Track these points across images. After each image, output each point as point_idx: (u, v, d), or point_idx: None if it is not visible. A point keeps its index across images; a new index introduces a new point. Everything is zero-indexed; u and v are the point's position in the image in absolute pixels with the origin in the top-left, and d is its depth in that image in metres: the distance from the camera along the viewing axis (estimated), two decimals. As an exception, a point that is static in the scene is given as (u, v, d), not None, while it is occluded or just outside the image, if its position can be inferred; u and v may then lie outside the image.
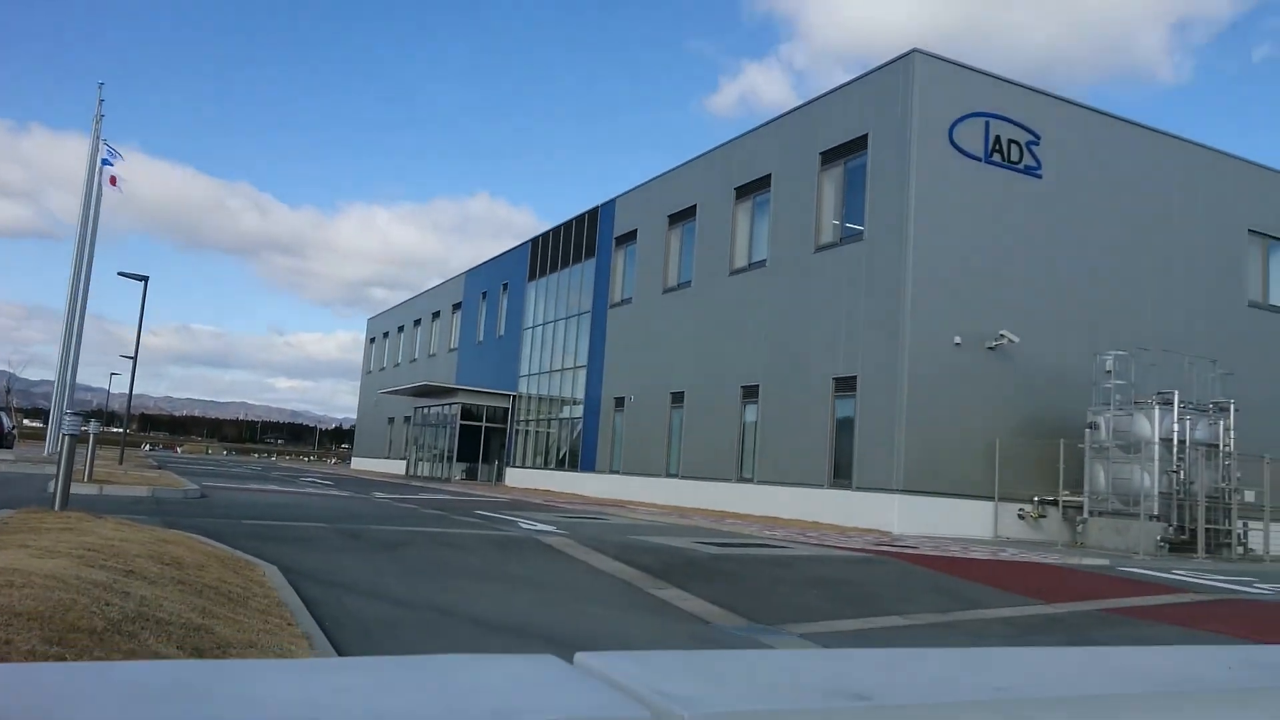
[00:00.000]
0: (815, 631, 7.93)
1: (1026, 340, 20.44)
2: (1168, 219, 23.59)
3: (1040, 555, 15.70)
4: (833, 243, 22.61)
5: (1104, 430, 19.51)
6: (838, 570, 11.66)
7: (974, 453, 19.91)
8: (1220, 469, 19.40)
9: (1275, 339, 24.95)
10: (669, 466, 27.81)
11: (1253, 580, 14.28)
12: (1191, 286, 23.70)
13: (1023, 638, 8.45)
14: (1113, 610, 10.16)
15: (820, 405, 21.85)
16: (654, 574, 10.07)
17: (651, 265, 30.25)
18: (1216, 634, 8.85)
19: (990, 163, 21.00)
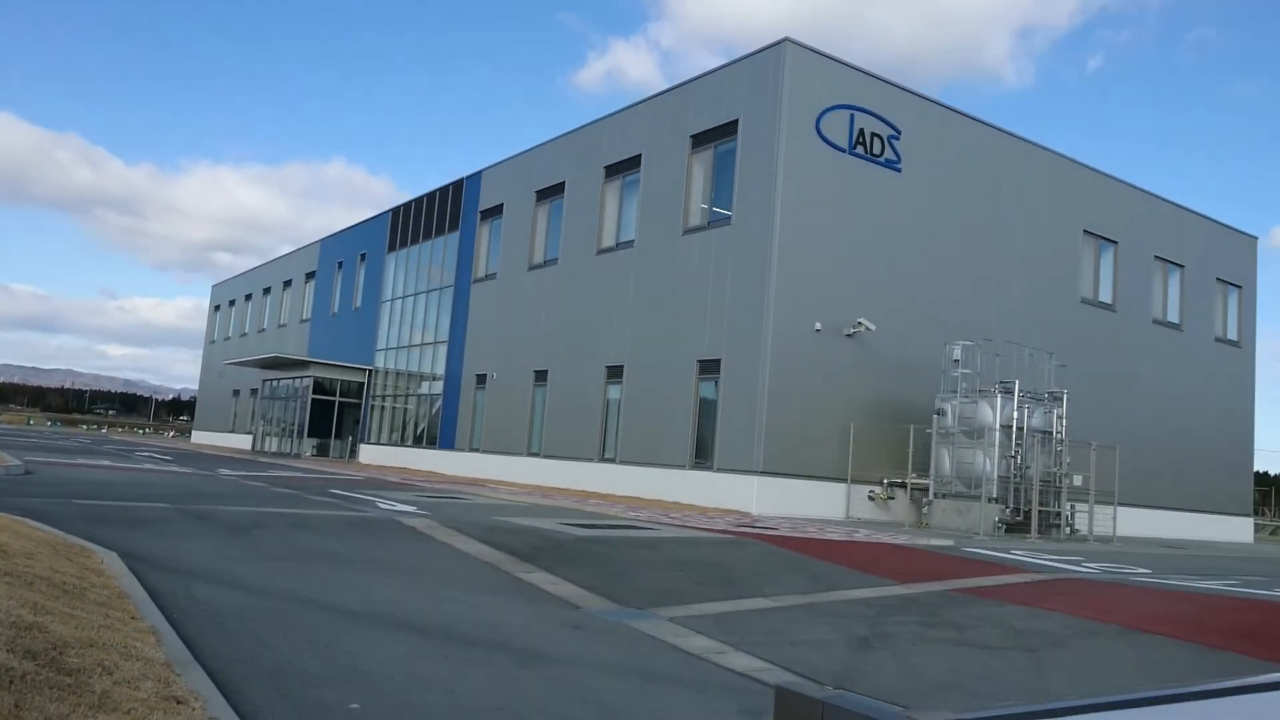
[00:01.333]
0: (685, 615, 7.96)
1: (882, 329, 21.18)
2: (1012, 217, 24.86)
3: (890, 536, 16.33)
4: (701, 226, 22.79)
5: (950, 417, 20.44)
6: (703, 552, 11.77)
7: (830, 436, 20.54)
8: (1053, 455, 20.67)
9: (1103, 333, 26.75)
10: (531, 445, 27.58)
11: (1080, 559, 15.27)
12: (1032, 282, 25.09)
13: (880, 617, 8.72)
14: (961, 590, 10.64)
15: (684, 387, 22.07)
16: (521, 557, 9.90)
17: (517, 241, 29.81)
18: (1060, 612, 9.37)
19: (854, 154, 21.59)
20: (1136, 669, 7.34)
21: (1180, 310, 29.45)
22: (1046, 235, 25.69)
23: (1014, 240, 24.78)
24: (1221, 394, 30.29)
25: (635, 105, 25.96)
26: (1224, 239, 31.44)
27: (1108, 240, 27.51)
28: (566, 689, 5.44)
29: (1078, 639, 8.26)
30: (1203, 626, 9.15)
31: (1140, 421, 26.44)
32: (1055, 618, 9.15)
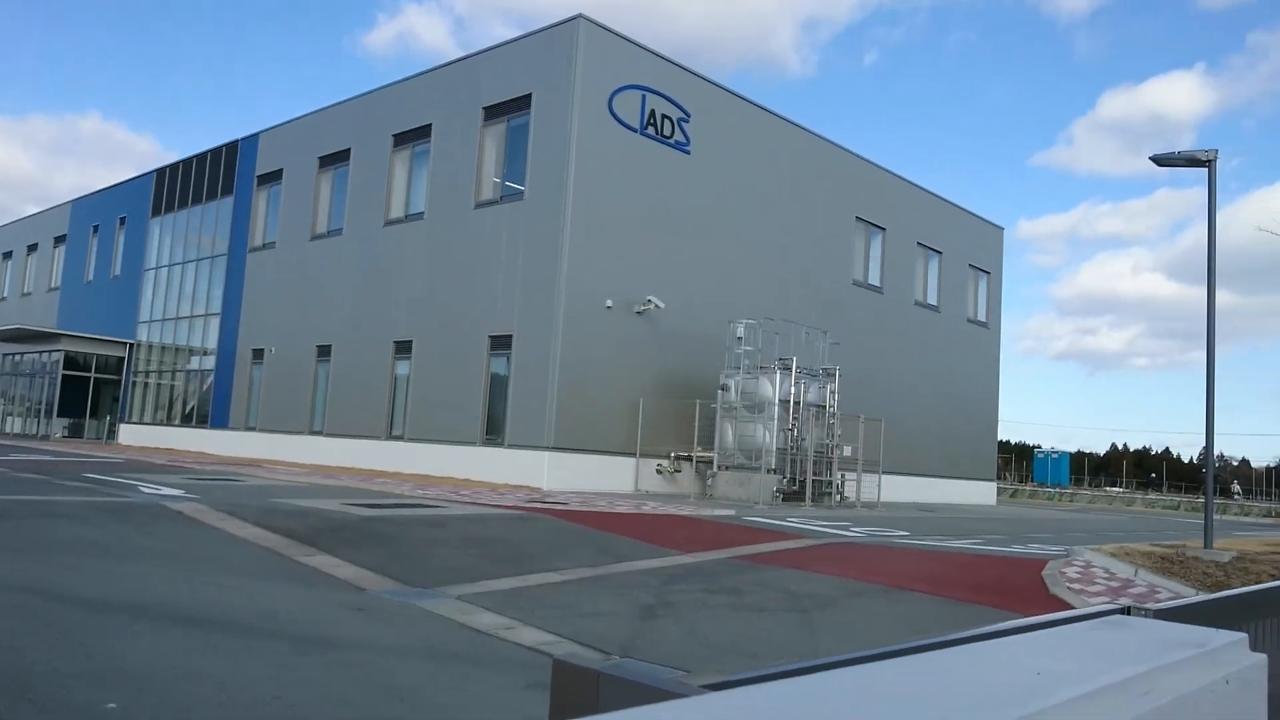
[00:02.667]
0: (474, 592, 7.90)
1: (671, 306, 21.74)
2: (792, 201, 26.12)
3: (676, 507, 16.87)
4: (493, 200, 22.51)
5: (733, 392, 21.32)
6: (493, 529, 11.71)
7: (620, 411, 20.92)
8: (826, 427, 21.99)
9: (872, 314, 28.66)
10: (313, 423, 26.43)
11: (849, 524, 16.36)
12: (809, 264, 26.49)
13: (665, 586, 8.99)
14: (741, 557, 11.14)
15: (475, 362, 21.80)
16: (301, 540, 9.49)
17: (299, 209, 28.35)
18: (830, 575, 10.00)
19: (645, 135, 21.95)
20: (895, 623, 7.96)
21: (938, 293, 32.01)
22: (823, 220, 27.17)
23: (793, 224, 26.04)
24: (972, 370, 33.26)
25: (427, 73, 25.23)
26: (976, 229, 34.39)
27: (877, 227, 29.43)
28: (349, 673, 5.27)
29: (845, 599, 8.85)
30: (951, 582, 10.03)
31: (903, 395, 28.57)
32: (825, 580, 9.76)
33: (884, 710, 0.66)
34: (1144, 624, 1.24)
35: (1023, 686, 0.77)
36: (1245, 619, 2.62)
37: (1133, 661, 0.94)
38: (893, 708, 0.68)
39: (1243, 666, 1.07)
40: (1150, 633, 1.14)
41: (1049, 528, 21.04)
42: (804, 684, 0.72)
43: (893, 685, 0.75)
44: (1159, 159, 12.92)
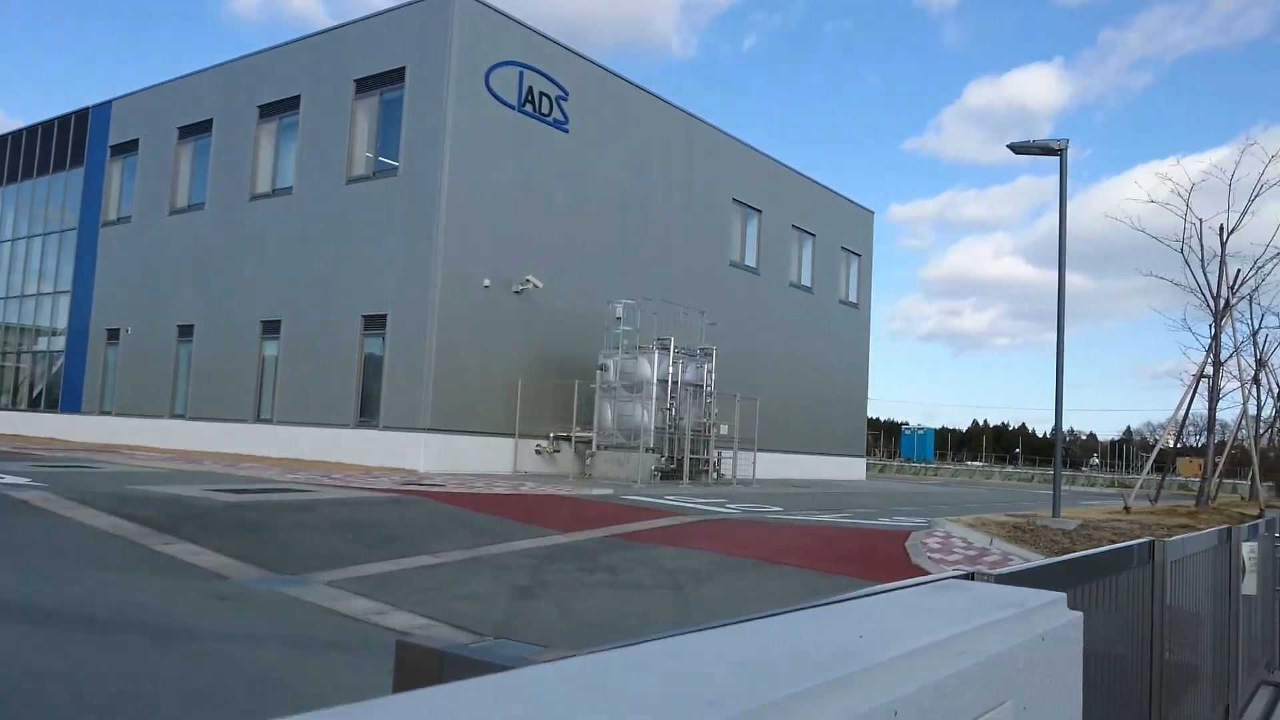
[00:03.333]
0: (345, 578, 7.72)
1: (549, 286, 21.62)
2: (671, 182, 26.31)
3: (555, 487, 16.86)
4: (366, 175, 21.89)
5: (612, 372, 21.40)
6: (366, 512, 11.47)
7: (498, 392, 20.73)
8: (703, 406, 22.33)
9: (748, 295, 29.18)
10: (175, 407, 25.26)
11: (725, 501, 16.69)
12: (687, 245, 26.76)
13: (542, 566, 8.99)
14: (617, 535, 11.23)
15: (348, 343, 21.22)
16: (160, 528, 9.08)
17: (157, 182, 26.91)
18: (705, 550, 10.18)
19: (523, 112, 21.70)
20: (765, 596, 8.18)
21: (811, 275, 32.83)
22: (701, 202, 27.47)
23: (672, 205, 26.24)
24: (843, 350, 34.31)
25: (296, 42, 24.25)
26: (848, 212, 35.39)
27: (753, 209, 29.94)
28: (210, 665, 5.08)
29: (719, 573, 9.03)
30: (821, 554, 10.37)
31: (777, 374, 29.24)
32: (700, 556, 9.94)
33: (699, 675, 0.68)
34: (974, 587, 1.31)
35: (841, 650, 0.80)
36: (1074, 582, 2.79)
37: (954, 622, 0.98)
38: (706, 674, 0.69)
39: (1059, 624, 1.13)
40: (977, 595, 1.20)
41: (914, 501, 21.95)
42: (625, 655, 0.73)
43: (713, 653, 0.76)
44: (1016, 147, 13.56)
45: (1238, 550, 5.50)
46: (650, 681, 0.66)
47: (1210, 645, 5.12)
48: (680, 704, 0.60)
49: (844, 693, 0.70)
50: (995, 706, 0.92)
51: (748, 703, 0.61)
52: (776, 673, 0.70)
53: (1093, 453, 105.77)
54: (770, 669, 0.71)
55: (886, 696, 0.73)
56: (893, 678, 0.77)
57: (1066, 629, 1.14)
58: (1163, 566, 3.94)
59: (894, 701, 0.74)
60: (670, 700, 0.61)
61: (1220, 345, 19.81)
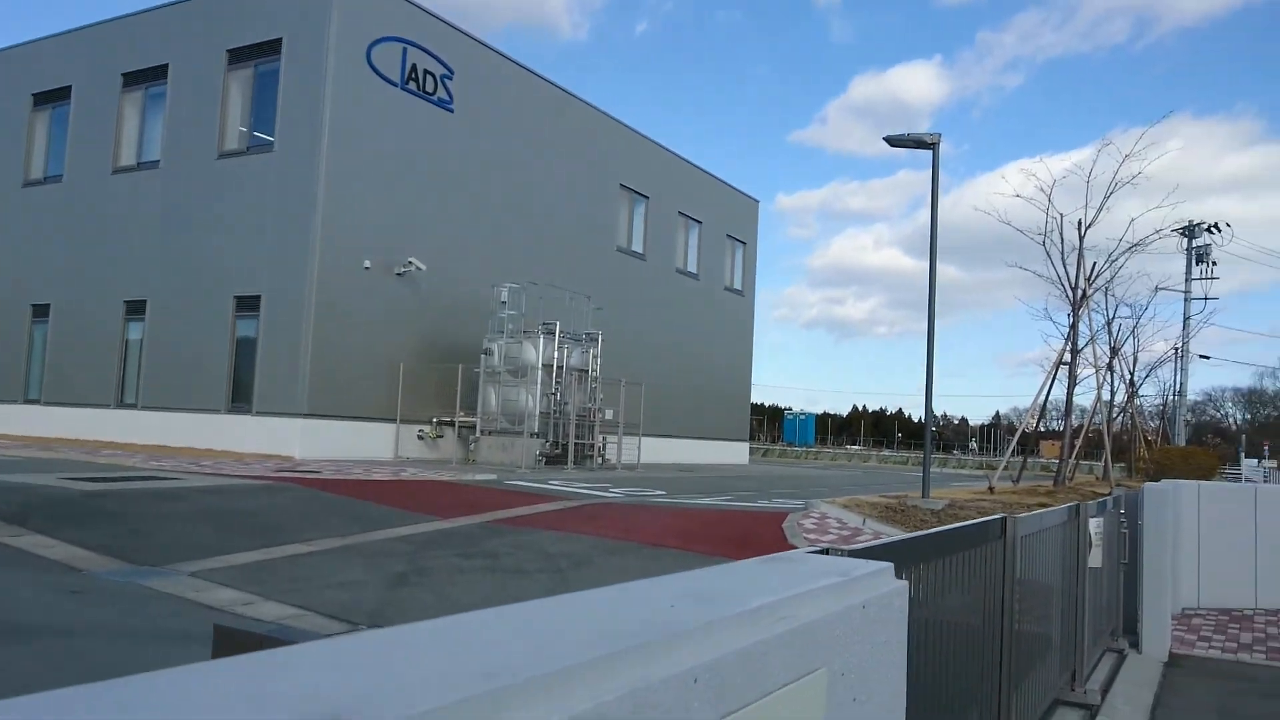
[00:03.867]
0: (210, 568, 7.43)
1: (433, 268, 21.24)
2: (559, 166, 26.14)
3: (437, 473, 16.61)
4: (239, 150, 21.02)
5: (497, 356, 21.18)
6: (236, 500, 11.06)
7: (379, 376, 20.27)
8: (588, 391, 22.33)
9: (634, 281, 29.29)
10: (28, 391, 23.80)
11: (609, 486, 16.74)
12: (574, 230, 26.67)
13: (420, 553, 8.85)
14: (500, 521, 11.15)
15: (219, 325, 20.38)
16: (7, 519, 8.55)
17: (8, 152, 25.22)
18: (587, 535, 10.19)
19: (406, 90, 21.19)
20: (645, 578, 8.23)
21: (698, 262, 33.18)
22: (588, 186, 27.40)
23: (559, 188, 26.09)
24: (728, 336, 34.83)
25: (164, 8, 23.00)
26: (734, 200, 35.88)
27: (641, 195, 30.04)
28: (59, 662, 4.81)
29: (600, 557, 9.06)
30: (701, 537, 10.51)
31: (664, 360, 29.47)
32: (582, 540, 9.95)
33: (489, 647, 0.66)
34: (808, 560, 1.33)
35: (650, 620, 0.79)
36: (922, 557, 2.89)
37: (772, 592, 0.99)
38: (495, 646, 0.67)
39: (883, 593, 1.16)
40: (808, 567, 1.22)
41: (793, 483, 22.48)
42: (417, 630, 0.70)
43: (513, 627, 0.75)
44: (891, 140, 13.97)
45: (1085, 526, 5.80)
46: (433, 655, 0.64)
47: (1059, 615, 5.40)
48: (452, 676, 0.58)
49: (640, 661, 0.70)
50: (808, 673, 0.94)
51: (527, 672, 0.59)
52: (570, 644, 0.68)
53: (970, 438, 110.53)
54: (566, 640, 0.70)
55: (687, 663, 0.73)
56: (695, 645, 0.77)
57: (890, 597, 1.17)
58: (1014, 541, 4.13)
59: (694, 668, 0.74)
60: (443, 672, 0.59)
61: (1078, 334, 20.93)
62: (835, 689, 1.00)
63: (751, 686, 0.82)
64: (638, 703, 0.67)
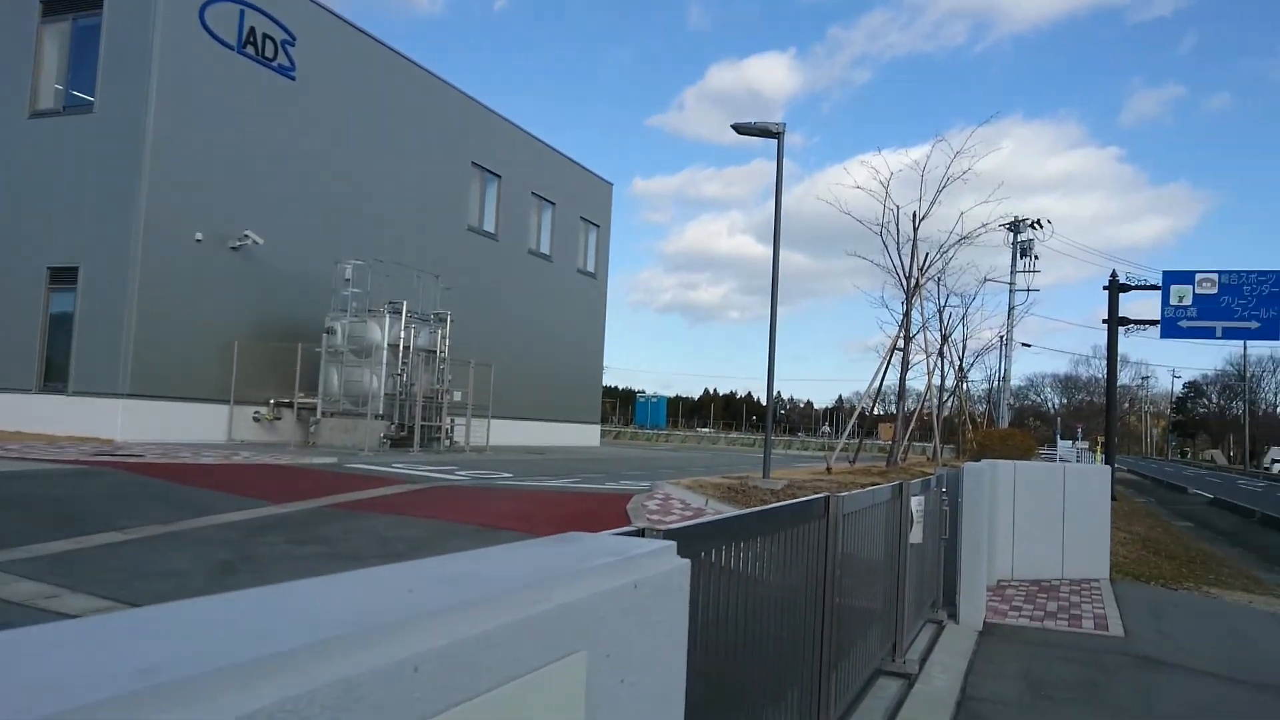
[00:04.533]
0: (10, 559, 6.88)
1: (271, 243, 20.30)
2: (408, 142, 25.41)
3: (273, 457, 15.93)
4: (54, 110, 19.47)
5: (340, 335, 20.48)
6: (43, 486, 10.29)
7: (211, 354, 19.26)
8: (436, 372, 21.89)
9: (485, 260, 28.85)
10: None
11: (455, 468, 16.47)
12: (424, 207, 26.01)
13: (249, 540, 8.46)
14: (338, 505, 10.78)
15: (30, 298, 18.88)
16: None
17: None
18: (428, 518, 9.98)
19: (243, 54, 20.11)
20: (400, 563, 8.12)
21: (551, 243, 32.99)
22: (439, 163, 26.77)
23: (408, 164, 25.38)
24: (581, 319, 34.82)
25: (-36, -50, 21.06)
26: (588, 183, 35.82)
27: (493, 174, 29.58)
28: None
29: (439, 540, 8.88)
30: (544, 519, 10.46)
31: (515, 341, 29.21)
32: (423, 524, 9.74)
33: (155, 644, 0.59)
34: (588, 539, 1.30)
35: (376, 607, 0.73)
36: (747, 534, 2.94)
37: (540, 571, 0.95)
38: (181, 638, 0.60)
39: (659, 572, 1.14)
40: (585, 546, 1.19)
41: (643, 465, 22.73)
42: (104, 622, 0.63)
43: (215, 618, 0.68)
44: (739, 128, 14.22)
45: (908, 504, 6.07)
46: (104, 650, 0.56)
47: (882, 590, 5.63)
48: (102, 674, 0.51)
49: (346, 651, 0.64)
50: (564, 656, 0.90)
51: (189, 669, 0.52)
52: (260, 636, 0.62)
53: (823, 421, 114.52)
54: (264, 632, 0.64)
55: (404, 652, 0.68)
56: (417, 632, 0.71)
57: (669, 576, 1.15)
58: (836, 520, 4.26)
59: (415, 656, 0.69)
60: (97, 670, 0.52)
61: (910, 321, 21.96)
62: (599, 671, 0.96)
63: (492, 672, 0.78)
64: (342, 695, 0.61)
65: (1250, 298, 22.49)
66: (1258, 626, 8.55)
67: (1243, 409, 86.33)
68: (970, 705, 5.38)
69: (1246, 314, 22.54)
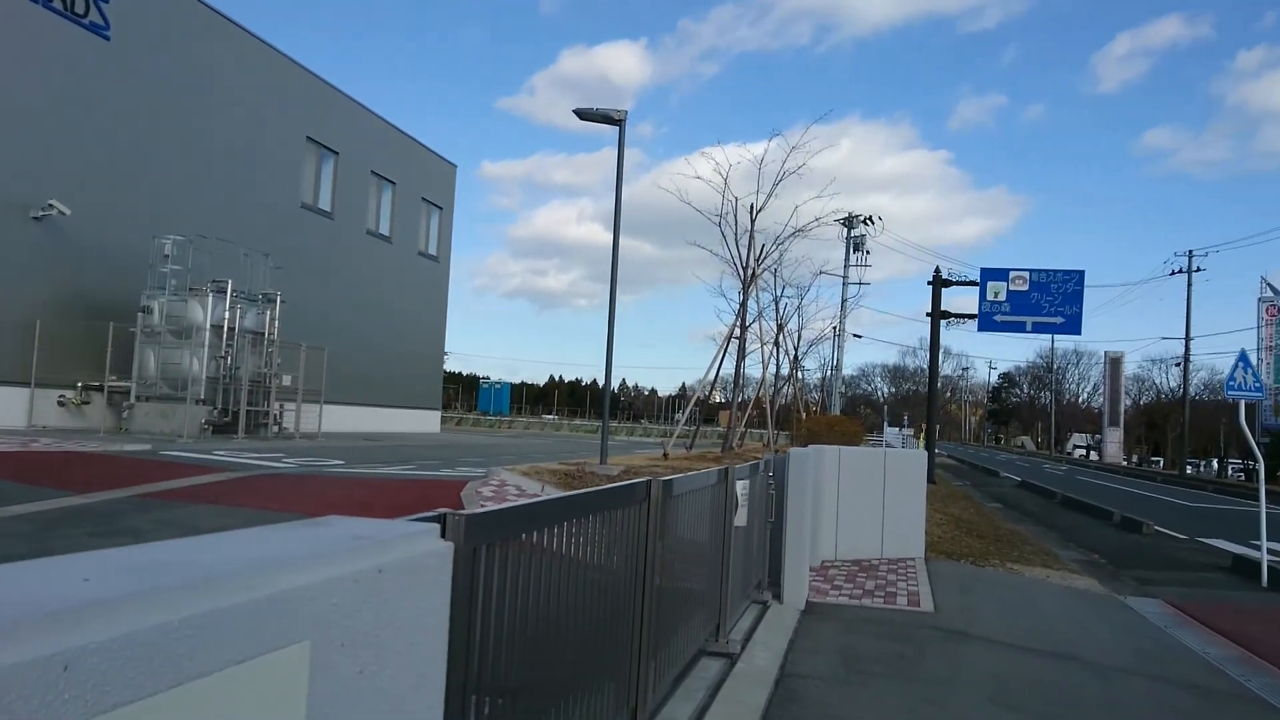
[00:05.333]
0: None
1: (79, 214, 18.84)
2: (237, 112, 24.08)
3: (79, 443, 14.84)
4: None
5: (157, 314, 19.27)
6: None
7: (9, 334, 17.76)
8: (264, 355, 20.91)
9: (321, 240, 27.75)
10: None
11: (282, 456, 15.79)
12: (254, 181, 24.73)
13: (45, 533, 7.85)
14: (149, 495, 10.14)
15: None
16: None
17: None
18: (247, 507, 9.51)
19: (50, 7, 18.55)
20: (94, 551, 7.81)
21: (391, 224, 32.05)
22: (270, 136, 25.52)
23: (236, 135, 24.08)
24: (421, 303, 34.00)
25: None
26: (431, 164, 34.98)
27: (330, 150, 28.46)
28: None
29: (259, 531, 8.47)
30: (374, 506, 10.16)
31: (352, 325, 28.25)
32: (242, 514, 9.27)
33: None
34: (341, 523, 1.22)
35: (18, 600, 0.64)
36: (566, 517, 2.90)
37: (261, 557, 0.87)
38: None
39: (411, 555, 1.07)
40: (339, 529, 1.11)
41: (483, 452, 22.45)
42: None
43: None
44: (581, 113, 14.16)
45: (733, 488, 6.19)
46: None
47: (706, 572, 5.72)
48: None
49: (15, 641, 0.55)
50: (281, 646, 0.82)
51: None
52: None
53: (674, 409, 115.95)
54: None
55: (49, 648, 0.59)
56: (85, 624, 0.63)
57: (423, 560, 1.09)
58: (658, 503, 4.29)
59: (65, 653, 0.60)
60: None
61: (747, 310, 22.54)
62: (330, 662, 0.89)
63: (179, 669, 0.70)
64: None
65: (1057, 295, 24.20)
66: (1052, 600, 9.21)
67: (1050, 399, 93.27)
68: (789, 682, 5.54)
69: (1053, 310, 24.24)
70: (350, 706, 0.92)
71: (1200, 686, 6.11)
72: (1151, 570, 11.96)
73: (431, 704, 1.10)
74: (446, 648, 1.16)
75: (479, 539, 2.33)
